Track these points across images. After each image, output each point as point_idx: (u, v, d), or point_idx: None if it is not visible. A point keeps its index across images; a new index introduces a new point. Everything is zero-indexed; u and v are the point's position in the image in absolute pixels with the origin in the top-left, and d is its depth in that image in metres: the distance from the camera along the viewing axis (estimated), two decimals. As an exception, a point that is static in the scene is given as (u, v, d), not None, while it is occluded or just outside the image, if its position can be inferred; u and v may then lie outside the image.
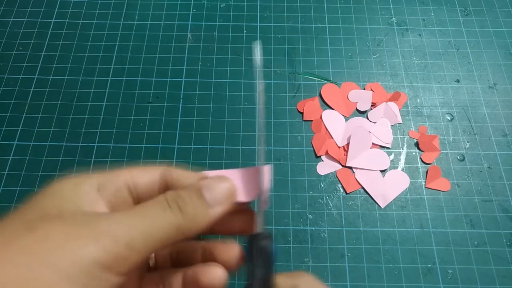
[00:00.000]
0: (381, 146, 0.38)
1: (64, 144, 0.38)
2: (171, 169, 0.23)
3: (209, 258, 0.24)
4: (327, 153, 0.37)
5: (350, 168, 0.37)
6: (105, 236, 0.17)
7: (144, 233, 0.18)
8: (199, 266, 0.22)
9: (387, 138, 0.38)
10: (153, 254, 0.24)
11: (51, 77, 0.41)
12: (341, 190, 0.36)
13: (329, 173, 0.37)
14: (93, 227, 0.17)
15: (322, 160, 0.37)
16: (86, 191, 0.20)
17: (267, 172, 0.22)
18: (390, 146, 0.38)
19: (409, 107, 0.40)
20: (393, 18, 0.46)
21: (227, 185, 0.22)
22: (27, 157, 0.37)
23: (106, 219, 0.18)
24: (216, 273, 0.22)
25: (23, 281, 0.15)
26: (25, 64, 0.42)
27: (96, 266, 0.16)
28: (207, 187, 0.21)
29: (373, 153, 0.38)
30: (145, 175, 0.22)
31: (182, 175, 0.23)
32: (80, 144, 0.38)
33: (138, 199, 0.22)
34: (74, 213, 0.18)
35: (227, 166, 0.37)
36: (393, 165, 0.37)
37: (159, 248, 0.19)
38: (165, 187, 0.22)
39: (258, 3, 0.46)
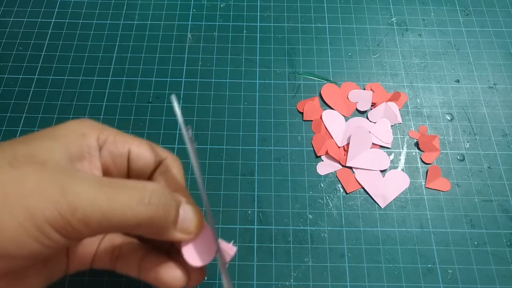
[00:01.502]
0: (381, 146, 0.38)
1: (64, 144, 0.38)
2: (171, 165, 0.23)
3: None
4: (327, 153, 0.37)
5: (350, 168, 0.37)
6: (65, 203, 0.17)
7: (103, 215, 0.17)
8: (160, 265, 0.22)
9: (387, 138, 0.38)
10: None
11: (51, 77, 0.41)
12: (341, 190, 0.36)
13: (329, 173, 0.37)
14: (60, 187, 0.17)
15: (322, 160, 0.37)
16: (88, 143, 0.20)
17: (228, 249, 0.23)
18: (390, 146, 0.38)
19: (409, 107, 0.40)
20: (393, 18, 0.46)
21: (200, 220, 0.22)
22: (27, 157, 0.37)
23: (77, 183, 0.17)
24: (176, 275, 0.21)
25: None
26: (25, 64, 0.42)
27: (49, 225, 0.16)
28: (185, 209, 0.21)
29: (373, 153, 0.38)
30: (149, 154, 0.23)
31: (175, 177, 0.23)
32: (80, 144, 0.38)
33: (133, 170, 0.23)
34: (59, 165, 0.18)
35: (227, 166, 0.37)
36: (393, 165, 0.37)
37: (113, 232, 0.19)
38: (156, 171, 0.23)
39: (258, 3, 0.46)
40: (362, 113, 0.40)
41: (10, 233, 0.16)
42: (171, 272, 0.22)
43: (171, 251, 0.24)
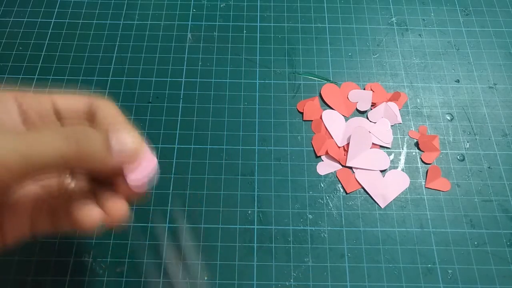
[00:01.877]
0: (381, 146, 0.38)
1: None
2: (98, 104, 0.22)
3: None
4: (327, 153, 0.37)
5: (350, 168, 0.37)
6: None
7: (22, 155, 0.17)
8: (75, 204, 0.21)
9: (387, 138, 0.38)
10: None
11: (51, 77, 0.41)
12: (341, 190, 0.36)
13: (329, 173, 0.37)
14: None
15: (322, 160, 0.37)
16: (8, 110, 0.20)
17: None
18: (390, 146, 0.38)
19: (409, 107, 0.40)
20: (393, 18, 0.46)
21: (135, 142, 0.21)
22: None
23: None
24: (90, 213, 0.21)
25: None
26: (25, 64, 0.42)
27: None
28: (116, 136, 0.20)
29: (373, 153, 0.38)
30: (72, 102, 0.22)
31: (108, 115, 0.22)
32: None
33: (63, 120, 0.22)
34: None
35: (227, 166, 0.37)
36: (393, 165, 0.37)
37: (41, 174, 0.19)
38: (91, 119, 0.22)
39: (258, 3, 0.46)
40: (362, 113, 0.40)
41: None
42: (87, 211, 0.21)
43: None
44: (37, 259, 0.32)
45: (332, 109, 0.40)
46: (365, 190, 0.36)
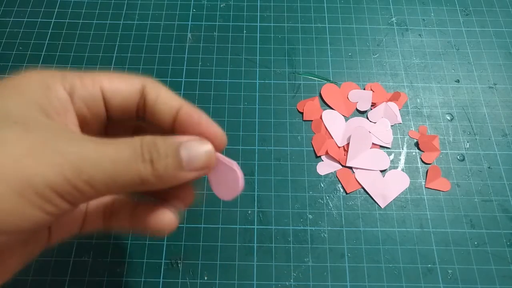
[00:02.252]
0: (381, 146, 0.38)
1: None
2: (151, 86, 0.21)
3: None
4: (327, 153, 0.37)
5: (350, 168, 0.37)
6: (68, 166, 0.15)
7: (108, 176, 0.16)
8: (150, 213, 0.20)
9: (387, 138, 0.38)
10: None
11: (51, 77, 0.41)
12: (341, 190, 0.36)
13: (329, 173, 0.37)
14: (58, 149, 0.15)
15: (322, 160, 0.37)
16: (58, 96, 0.18)
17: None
18: (390, 146, 0.38)
19: (409, 107, 0.40)
20: (393, 18, 0.46)
21: (207, 151, 0.19)
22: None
23: (73, 145, 0.16)
24: (166, 219, 0.20)
25: None
26: (25, 64, 0.42)
27: (52, 191, 0.15)
28: (187, 148, 0.19)
29: (373, 153, 0.38)
30: (125, 86, 0.20)
31: (160, 98, 0.20)
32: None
33: (112, 113, 0.20)
34: (40, 124, 0.16)
35: (227, 166, 0.37)
36: (393, 165, 0.37)
37: (117, 193, 0.18)
38: (143, 104, 0.20)
39: (258, 3, 0.46)
40: (362, 113, 0.40)
41: (7, 204, 0.14)
42: (163, 216, 0.20)
43: (162, 194, 0.22)
44: (38, 259, 0.32)
45: (332, 109, 0.40)
46: (365, 190, 0.36)
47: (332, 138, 0.38)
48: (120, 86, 0.20)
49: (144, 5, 0.46)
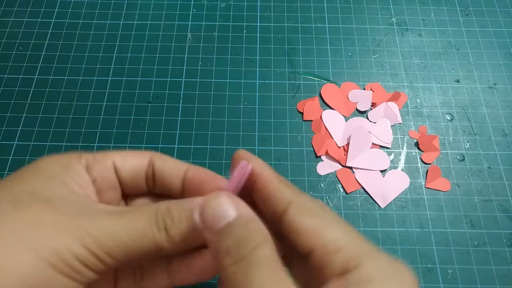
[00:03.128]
0: (381, 146, 0.38)
1: (64, 144, 0.38)
2: (158, 156, 0.22)
3: None
4: (327, 153, 0.37)
5: (350, 168, 0.37)
6: (90, 239, 0.17)
7: (126, 246, 0.18)
8: (186, 257, 0.21)
9: (387, 138, 0.38)
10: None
11: (51, 77, 0.41)
12: (341, 190, 0.36)
13: (329, 173, 0.37)
14: (81, 224, 0.17)
15: (322, 160, 0.37)
16: (76, 172, 0.20)
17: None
18: (390, 146, 0.38)
19: (409, 107, 0.40)
20: (393, 18, 0.46)
21: (222, 208, 0.18)
22: (27, 157, 0.37)
23: (94, 220, 0.18)
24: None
25: (6, 259, 0.15)
26: (25, 64, 0.42)
27: (77, 260, 0.17)
28: (200, 210, 0.19)
29: (373, 153, 0.38)
30: (133, 159, 0.22)
31: (167, 164, 0.22)
32: (80, 144, 0.38)
33: (125, 181, 0.22)
34: (64, 200, 0.18)
35: (227, 166, 0.37)
36: (393, 165, 0.37)
37: (137, 259, 0.19)
38: (152, 173, 0.22)
39: (258, 3, 0.46)
40: (362, 113, 0.40)
41: (39, 273, 0.16)
42: (204, 261, 0.21)
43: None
44: None
45: (332, 109, 0.40)
46: (365, 190, 0.36)
47: (332, 138, 0.38)
48: (130, 158, 0.22)
49: (144, 5, 0.46)
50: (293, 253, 0.19)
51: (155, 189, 0.23)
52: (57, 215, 0.17)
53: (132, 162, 0.22)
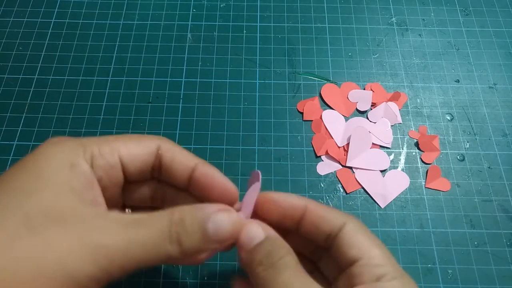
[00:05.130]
0: (381, 146, 0.38)
1: (64, 144, 0.38)
2: (167, 146, 0.22)
3: None
4: (327, 153, 0.37)
5: (350, 168, 0.37)
6: (103, 258, 0.17)
7: (139, 260, 0.18)
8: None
9: (387, 138, 0.38)
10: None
11: (51, 77, 0.41)
12: (341, 190, 0.36)
13: (329, 173, 0.37)
14: (93, 243, 0.18)
15: (322, 160, 0.37)
16: (83, 171, 0.20)
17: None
18: (390, 146, 0.38)
19: (409, 107, 0.40)
20: (393, 18, 0.46)
21: (234, 222, 0.20)
22: (27, 157, 0.37)
23: (106, 236, 0.18)
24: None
25: (19, 285, 0.16)
26: (25, 64, 0.42)
27: (91, 280, 0.17)
28: (214, 221, 0.20)
29: (373, 153, 0.38)
30: (141, 150, 0.22)
31: (175, 159, 0.22)
32: (80, 144, 0.38)
33: (131, 176, 0.22)
34: (76, 216, 0.18)
35: (227, 166, 0.37)
36: (393, 165, 0.37)
37: (143, 267, 0.20)
38: (158, 164, 0.22)
39: (258, 3, 0.46)
40: (362, 113, 0.40)
41: None
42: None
43: None
44: None
45: (332, 109, 0.40)
46: (365, 190, 0.36)
47: (332, 138, 0.38)
48: (137, 151, 0.21)
49: (144, 5, 0.46)
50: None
51: (159, 177, 0.23)
52: (70, 238, 0.17)
53: (139, 157, 0.21)
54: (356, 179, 0.36)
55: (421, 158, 0.38)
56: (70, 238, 0.17)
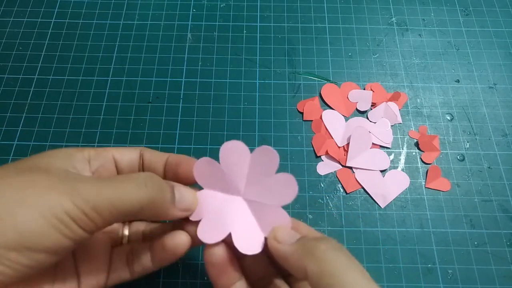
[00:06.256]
0: (381, 146, 0.38)
1: (64, 144, 0.38)
2: (146, 150, 0.27)
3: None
4: (327, 153, 0.37)
5: (350, 168, 0.37)
6: (78, 195, 0.19)
7: (113, 205, 0.20)
8: (166, 234, 0.25)
9: (387, 138, 0.38)
10: (126, 232, 0.27)
11: (51, 77, 0.41)
12: (341, 190, 0.36)
13: (329, 173, 0.37)
14: (71, 185, 0.20)
15: (322, 160, 0.37)
16: (78, 160, 0.24)
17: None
18: (390, 146, 0.38)
19: (409, 107, 0.40)
20: (393, 18, 0.46)
21: (193, 197, 0.25)
22: (27, 157, 0.37)
23: (83, 182, 0.20)
24: (180, 237, 0.24)
25: (6, 213, 0.18)
26: (25, 64, 0.42)
27: (67, 216, 0.19)
28: (179, 191, 0.24)
29: (373, 153, 0.38)
30: (128, 153, 0.26)
31: (153, 155, 0.26)
32: (80, 144, 0.38)
33: (123, 172, 0.26)
34: (59, 170, 0.21)
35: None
36: (393, 165, 0.37)
37: (122, 219, 0.22)
38: (142, 163, 0.26)
39: (258, 3, 0.46)
40: (362, 113, 0.40)
41: (34, 225, 0.18)
42: (177, 236, 0.25)
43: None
44: None
45: (332, 109, 0.40)
46: (365, 190, 0.36)
47: (332, 138, 0.38)
48: (125, 151, 0.26)
49: (144, 5, 0.46)
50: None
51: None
52: (53, 180, 0.20)
53: (128, 155, 0.26)
54: (356, 179, 0.36)
55: (421, 158, 0.38)
56: (52, 179, 0.20)
